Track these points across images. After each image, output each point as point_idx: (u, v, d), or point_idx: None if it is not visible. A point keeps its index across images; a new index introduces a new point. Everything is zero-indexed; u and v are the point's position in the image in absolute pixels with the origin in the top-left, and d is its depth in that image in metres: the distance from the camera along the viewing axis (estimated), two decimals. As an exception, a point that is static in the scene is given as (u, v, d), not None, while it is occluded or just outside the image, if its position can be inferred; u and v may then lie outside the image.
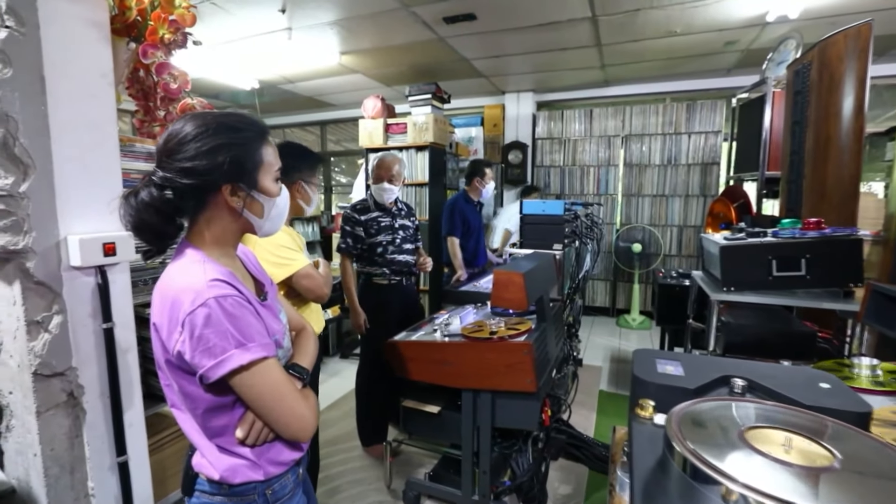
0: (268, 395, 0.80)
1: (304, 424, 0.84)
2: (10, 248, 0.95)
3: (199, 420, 0.85)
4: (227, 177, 0.81)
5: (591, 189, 5.48)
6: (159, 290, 0.82)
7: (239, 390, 0.79)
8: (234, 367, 0.76)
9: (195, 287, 0.77)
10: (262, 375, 0.79)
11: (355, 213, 2.46)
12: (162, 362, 0.84)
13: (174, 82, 1.21)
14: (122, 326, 1.15)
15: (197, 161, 0.79)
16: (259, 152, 0.86)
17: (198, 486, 0.89)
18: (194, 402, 0.83)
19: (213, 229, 0.86)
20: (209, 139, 0.80)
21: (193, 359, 0.76)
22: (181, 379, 0.82)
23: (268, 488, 0.88)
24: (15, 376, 1.03)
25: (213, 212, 0.85)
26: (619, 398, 3.32)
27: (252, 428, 0.83)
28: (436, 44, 4.04)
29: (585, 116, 5.40)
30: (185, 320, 0.75)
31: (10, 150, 0.94)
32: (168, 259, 0.89)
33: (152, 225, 0.81)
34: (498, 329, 1.83)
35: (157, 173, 0.80)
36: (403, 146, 4.30)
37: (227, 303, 0.77)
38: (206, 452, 0.86)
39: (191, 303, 0.75)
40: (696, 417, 0.77)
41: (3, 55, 0.92)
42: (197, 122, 0.81)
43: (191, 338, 0.75)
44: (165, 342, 0.79)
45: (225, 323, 0.76)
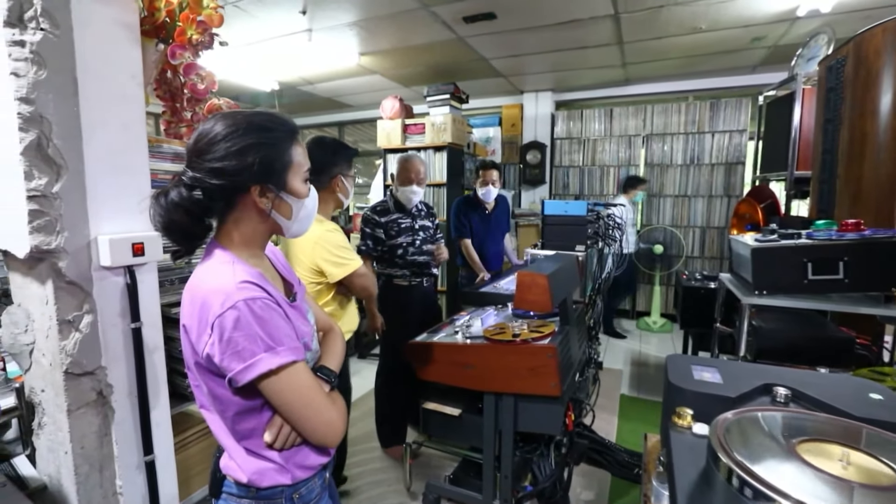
0: (296, 400, 0.79)
1: (332, 430, 0.83)
2: (43, 248, 0.95)
3: (227, 422, 0.84)
4: (255, 177, 0.80)
5: (610, 189, 5.39)
6: (189, 292, 0.81)
7: (267, 394, 0.79)
8: (262, 372, 0.75)
9: (225, 289, 0.76)
10: (291, 380, 0.78)
11: (375, 214, 2.45)
12: (191, 363, 0.83)
13: (201, 83, 1.22)
14: (149, 326, 1.15)
15: (226, 161, 0.78)
16: (288, 152, 0.85)
17: (225, 489, 0.89)
18: (223, 404, 0.82)
19: (241, 230, 0.85)
20: (239, 139, 0.79)
21: (222, 362, 0.75)
22: (210, 381, 0.81)
23: (295, 492, 0.87)
24: (47, 374, 1.05)
25: (242, 212, 0.84)
26: (640, 403, 3.25)
27: (280, 432, 0.83)
28: (455, 44, 4.02)
29: (605, 116, 5.32)
30: (214, 322, 0.74)
31: (44, 150, 0.94)
32: (196, 259, 0.89)
33: (182, 225, 0.81)
34: (521, 331, 1.80)
35: (187, 173, 0.80)
36: (421, 146, 4.29)
37: (256, 305, 0.76)
38: (234, 454, 0.86)
39: (220, 305, 0.75)
40: (742, 428, 0.73)
41: (39, 57, 0.93)
42: (227, 122, 0.80)
43: (220, 341, 0.74)
44: (195, 344, 0.79)
45: (254, 326, 0.75)
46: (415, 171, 2.43)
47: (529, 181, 5.59)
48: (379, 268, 2.51)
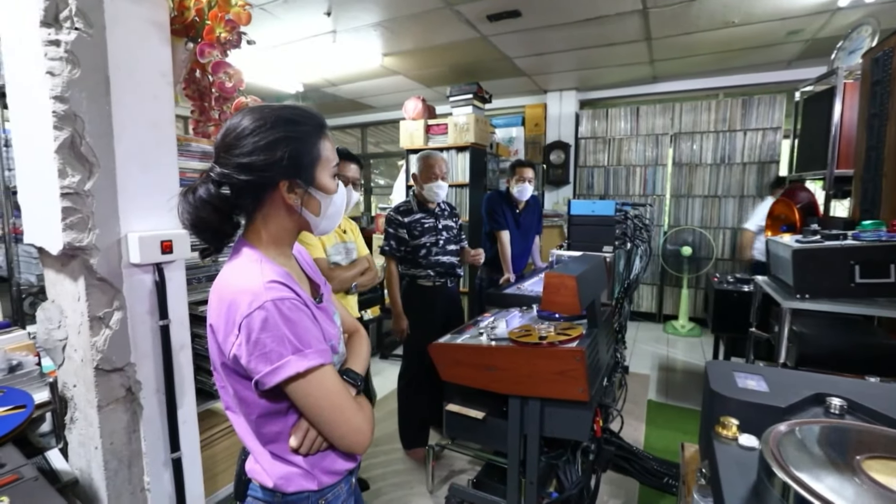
0: (324, 405, 0.77)
1: (360, 438, 0.81)
2: (76, 245, 0.96)
3: (252, 425, 0.82)
4: (284, 172, 0.78)
5: (637, 190, 5.27)
6: (216, 291, 0.79)
7: (294, 398, 0.76)
8: (290, 375, 0.73)
9: (252, 288, 0.74)
10: (319, 384, 0.76)
11: (398, 214, 2.43)
12: (217, 364, 0.82)
13: (229, 81, 1.22)
14: (177, 324, 1.16)
15: (254, 156, 0.76)
16: (317, 147, 0.82)
17: (251, 493, 0.87)
18: (248, 406, 0.80)
19: (269, 227, 0.83)
20: (267, 133, 0.77)
21: (249, 363, 0.73)
22: (236, 383, 0.79)
23: (321, 498, 0.85)
24: (79, 370, 1.06)
25: (270, 209, 0.82)
26: (669, 409, 3.15)
27: (306, 437, 0.80)
28: (478, 43, 3.99)
29: (632, 114, 5.20)
30: (241, 323, 0.72)
31: (77, 149, 0.95)
32: (224, 258, 0.88)
33: (210, 223, 0.79)
34: (547, 334, 1.76)
35: (215, 169, 0.78)
36: (444, 147, 4.28)
37: (284, 306, 0.74)
38: (259, 458, 0.84)
39: (248, 305, 0.72)
40: (797, 441, 0.68)
41: (73, 56, 0.94)
42: (255, 116, 0.78)
43: (247, 342, 0.72)
44: (221, 344, 0.77)
45: (282, 327, 0.73)
46: (438, 167, 2.41)
47: (553, 181, 5.51)
48: (403, 268, 2.49)
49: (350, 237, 2.06)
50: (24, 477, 0.78)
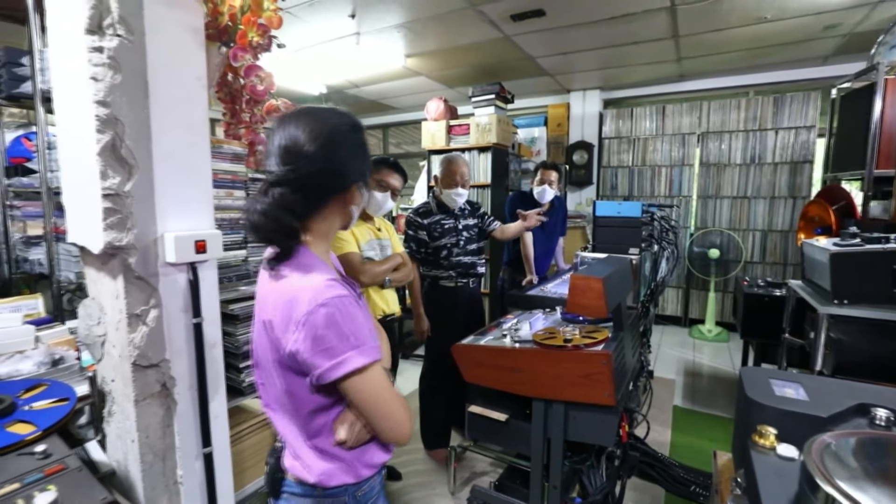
0: (376, 399, 0.80)
1: (405, 430, 0.84)
2: (115, 245, 1.00)
3: (300, 420, 0.84)
4: (359, 176, 0.86)
5: (662, 190, 5.17)
6: (274, 288, 0.81)
7: (349, 392, 0.79)
8: (350, 370, 0.75)
9: (314, 286, 0.76)
10: (373, 379, 0.79)
11: (418, 216, 2.44)
12: (267, 360, 0.83)
13: (261, 84, 1.25)
14: (209, 322, 1.18)
15: (336, 162, 0.81)
16: (367, 148, 0.90)
17: (286, 488, 0.89)
18: (298, 402, 0.82)
19: (321, 227, 0.87)
20: (345, 143, 0.82)
21: (310, 359, 0.75)
22: (290, 378, 0.81)
23: (357, 490, 0.88)
24: (117, 365, 1.09)
25: (331, 210, 0.86)
26: (695, 415, 3.07)
27: (351, 430, 0.83)
28: (501, 42, 3.98)
29: (657, 113, 5.10)
30: (302, 320, 0.74)
31: (118, 151, 0.99)
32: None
33: (283, 223, 0.79)
34: (573, 337, 1.74)
35: (289, 172, 0.79)
36: (466, 147, 4.27)
37: (344, 303, 0.76)
38: (302, 454, 0.86)
39: (309, 302, 0.74)
40: (843, 453, 0.65)
41: (115, 62, 0.97)
42: (324, 122, 0.81)
43: (308, 338, 0.74)
44: (278, 340, 0.79)
45: (343, 324, 0.75)
46: (459, 174, 2.41)
47: (576, 182, 5.45)
48: (424, 270, 2.49)
49: (385, 235, 2.08)
50: (68, 467, 0.81)
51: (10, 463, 0.82)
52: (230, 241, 1.40)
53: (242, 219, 0.81)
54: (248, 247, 1.47)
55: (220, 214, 1.36)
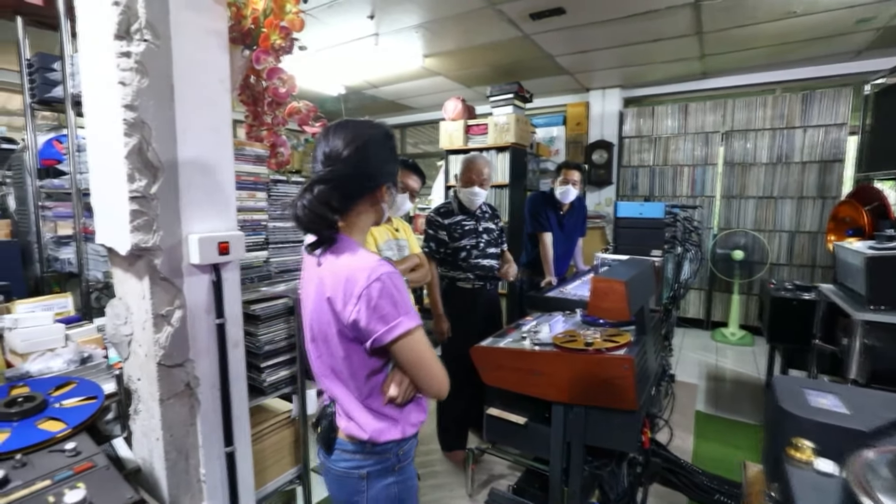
0: (423, 358, 0.95)
1: (444, 384, 1.00)
2: (142, 246, 1.01)
3: (358, 383, 0.99)
4: (387, 178, 1.03)
5: (684, 190, 5.06)
6: (331, 271, 0.97)
7: (399, 352, 0.94)
8: (403, 332, 0.91)
9: (369, 265, 0.93)
10: (419, 340, 0.95)
11: (439, 216, 2.43)
12: (326, 333, 0.98)
13: (283, 86, 1.25)
14: (232, 322, 1.19)
15: (367, 165, 0.99)
16: (396, 153, 1.08)
17: (338, 445, 1.05)
18: (356, 366, 0.98)
19: (359, 220, 1.04)
20: (376, 147, 1.00)
21: (368, 325, 0.91)
22: (349, 346, 0.97)
23: (400, 449, 1.05)
24: (143, 364, 1.11)
25: (364, 206, 1.03)
26: (718, 421, 3.00)
27: (401, 387, 0.99)
28: (520, 42, 3.95)
29: (680, 112, 5.00)
30: (361, 293, 0.90)
31: (144, 154, 1.00)
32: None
33: (322, 216, 0.95)
34: (594, 340, 1.71)
35: (329, 172, 0.97)
36: (484, 147, 4.25)
37: (393, 278, 0.93)
38: (355, 415, 1.01)
39: (366, 278, 0.91)
40: (886, 470, 0.62)
41: (142, 66, 0.98)
42: (358, 131, 0.99)
43: (367, 307, 0.90)
44: (340, 313, 0.94)
45: (394, 295, 0.92)
46: (477, 172, 2.39)
47: (595, 182, 5.38)
48: (442, 270, 2.48)
49: (402, 235, 2.09)
50: (97, 465, 0.83)
51: (41, 459, 0.83)
52: (252, 242, 1.41)
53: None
54: (269, 248, 1.48)
55: (243, 216, 1.37)
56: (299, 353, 1.55)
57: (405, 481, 1.08)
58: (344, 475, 1.05)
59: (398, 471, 1.06)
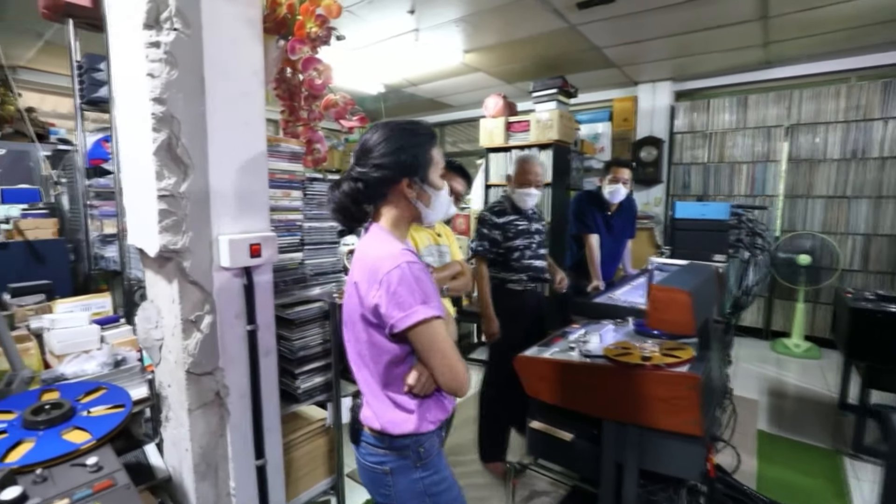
0: (439, 349, 0.95)
1: (462, 378, 0.98)
2: (171, 248, 0.96)
3: (380, 368, 1.01)
4: (406, 172, 1.02)
5: (741, 189, 4.71)
6: (360, 259, 1.02)
7: (416, 341, 0.95)
8: (418, 320, 0.92)
9: (392, 253, 0.96)
10: (437, 331, 0.95)
11: (493, 215, 2.37)
12: (355, 317, 1.01)
13: (319, 77, 1.18)
14: (264, 328, 1.13)
15: (384, 159, 1.00)
16: (429, 152, 1.05)
17: (363, 438, 1.08)
18: (378, 351, 1.00)
19: (392, 215, 1.06)
20: (393, 142, 1.01)
21: (387, 310, 0.93)
22: (372, 331, 0.99)
23: (419, 446, 1.03)
24: (173, 371, 1.06)
25: (393, 201, 1.05)
26: (784, 443, 2.73)
27: (420, 378, 0.99)
28: (565, 33, 3.77)
29: (738, 105, 4.65)
30: (382, 279, 0.93)
31: (174, 151, 0.95)
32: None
33: (349, 209, 1.04)
34: (652, 354, 1.55)
35: (355, 169, 1.03)
36: (525, 145, 4.12)
37: (415, 268, 0.96)
38: (374, 405, 1.03)
39: (389, 265, 0.94)
40: None
41: (171, 57, 0.93)
42: (387, 129, 1.03)
43: (387, 293, 0.93)
44: (364, 297, 0.97)
45: (413, 283, 0.94)
46: (533, 173, 2.34)
47: (643, 180, 5.09)
48: (492, 271, 2.40)
49: (444, 241, 2.02)
50: (117, 484, 0.77)
51: (62, 474, 0.79)
52: (286, 243, 1.35)
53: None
54: (304, 249, 1.42)
55: (277, 216, 1.31)
56: (334, 358, 1.48)
57: (432, 475, 1.06)
58: (370, 469, 1.07)
59: (421, 466, 1.05)
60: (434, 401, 1.05)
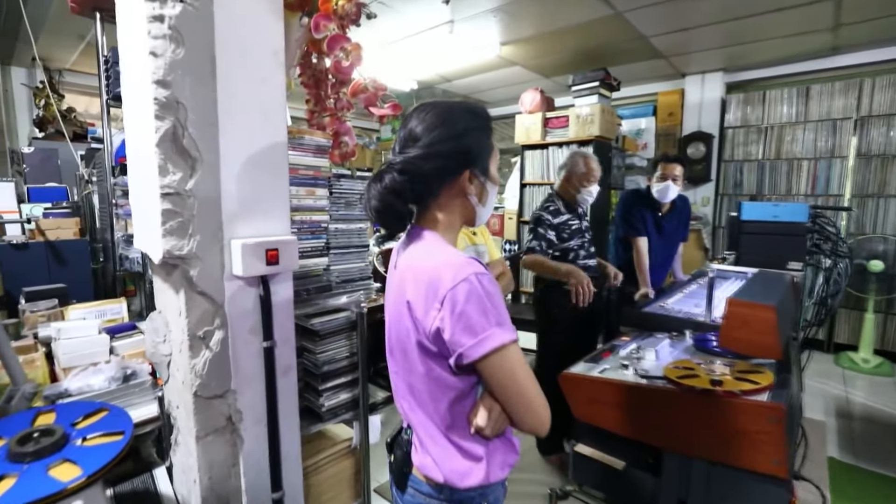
0: (519, 380, 0.76)
1: (544, 415, 0.78)
2: (175, 253, 0.83)
3: (438, 408, 0.81)
4: (468, 161, 0.82)
5: (801, 188, 4.33)
6: (411, 270, 0.81)
7: (489, 373, 0.75)
8: (495, 347, 0.72)
9: (455, 262, 0.75)
10: (515, 359, 0.76)
11: (549, 215, 2.27)
12: (409, 344, 0.81)
13: (346, 59, 1.04)
14: (283, 344, 1.00)
15: (442, 145, 0.80)
16: (490, 138, 0.87)
17: (412, 484, 0.87)
18: (440, 387, 0.80)
19: (444, 216, 0.85)
20: (454, 124, 0.81)
21: (453, 336, 0.73)
22: (431, 362, 0.79)
23: (484, 500, 0.85)
24: (181, 392, 0.94)
25: (447, 198, 0.84)
26: (859, 473, 2.42)
27: (491, 415, 0.79)
28: (610, 21, 3.52)
29: (799, 96, 4.27)
30: (446, 296, 0.73)
31: (179, 141, 0.82)
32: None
33: (392, 207, 0.81)
34: (723, 378, 1.33)
35: (400, 158, 0.81)
36: (563, 141, 3.92)
37: (485, 280, 0.75)
38: (433, 450, 0.83)
39: (452, 278, 0.73)
40: None
41: (177, 33, 0.80)
42: (440, 109, 0.83)
43: (452, 314, 0.72)
44: (420, 320, 0.77)
45: (485, 300, 0.73)
46: (595, 170, 2.28)
47: (690, 179, 4.74)
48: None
49: (480, 240, 1.89)
50: (101, 537, 0.64)
51: (43, 520, 0.67)
52: (310, 247, 1.22)
53: (361, 202, 0.88)
54: (330, 253, 1.28)
55: (300, 216, 1.18)
56: (361, 374, 1.34)
57: None
58: None
59: None
60: (503, 442, 0.86)
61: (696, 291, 2.40)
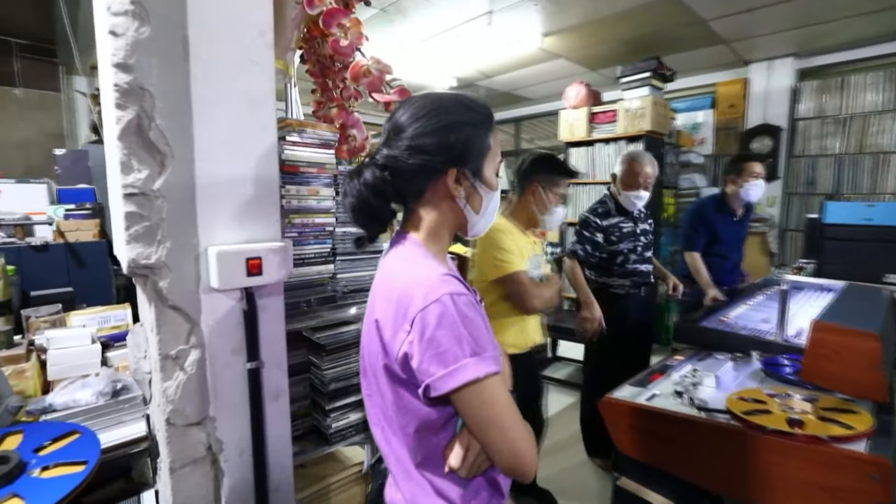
0: (496, 419, 0.67)
1: (528, 459, 0.68)
2: (142, 262, 0.73)
3: (408, 442, 0.73)
4: (454, 159, 0.73)
5: (888, 186, 3.80)
6: (383, 283, 0.74)
7: (462, 408, 0.67)
8: (468, 380, 0.64)
9: (428, 280, 0.67)
10: (493, 394, 0.66)
11: (596, 217, 2.15)
12: (376, 367, 0.73)
13: (345, 37, 0.90)
14: (272, 366, 0.88)
15: (426, 138, 0.71)
16: (487, 138, 0.76)
17: None
18: (408, 418, 0.71)
19: (429, 221, 0.76)
20: (441, 116, 0.72)
21: (421, 364, 0.65)
22: (400, 389, 0.71)
23: None
24: (157, 415, 0.84)
25: (432, 201, 0.76)
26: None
27: (467, 456, 0.70)
28: (663, 5, 3.23)
29: (887, 81, 3.76)
30: (415, 317, 0.65)
31: (145, 133, 0.71)
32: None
33: (371, 207, 0.73)
34: (803, 416, 1.09)
35: (382, 151, 0.74)
36: (611, 138, 3.67)
37: (461, 301, 0.66)
38: (404, 487, 0.75)
39: (423, 298, 0.65)
40: None
41: (141, 9, 0.69)
42: (429, 99, 0.75)
43: (420, 339, 0.64)
44: (388, 343, 0.69)
45: (459, 325, 0.65)
46: (643, 175, 2.10)
47: (753, 176, 4.33)
48: (594, 275, 2.23)
49: (538, 250, 1.75)
50: None
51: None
52: (314, 252, 1.10)
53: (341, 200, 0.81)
54: (337, 261, 1.16)
55: (302, 219, 1.06)
56: (373, 394, 1.22)
57: None
58: None
59: None
60: (487, 482, 0.76)
61: (764, 303, 2.11)
